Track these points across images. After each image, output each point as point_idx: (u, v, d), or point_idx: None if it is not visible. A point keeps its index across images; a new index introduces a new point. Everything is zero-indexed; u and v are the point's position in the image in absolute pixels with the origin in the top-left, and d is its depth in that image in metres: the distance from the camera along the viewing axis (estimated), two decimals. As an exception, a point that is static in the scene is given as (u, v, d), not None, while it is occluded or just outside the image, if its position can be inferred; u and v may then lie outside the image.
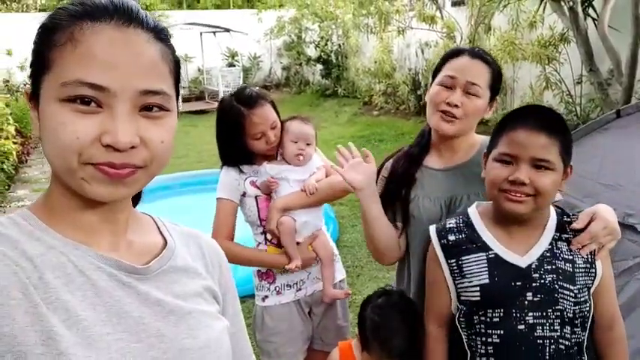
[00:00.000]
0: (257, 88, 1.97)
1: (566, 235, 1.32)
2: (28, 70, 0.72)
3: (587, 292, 1.29)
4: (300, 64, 13.68)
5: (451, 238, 1.37)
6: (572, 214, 1.36)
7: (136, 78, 0.66)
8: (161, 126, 0.70)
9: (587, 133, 2.69)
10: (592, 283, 1.30)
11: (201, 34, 12.59)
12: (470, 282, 1.32)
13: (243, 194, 1.94)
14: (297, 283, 1.97)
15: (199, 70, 13.36)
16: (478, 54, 1.54)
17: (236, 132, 1.86)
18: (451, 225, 1.40)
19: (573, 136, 2.76)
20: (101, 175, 0.66)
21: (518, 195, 1.24)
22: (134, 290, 0.72)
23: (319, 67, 12.72)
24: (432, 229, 1.42)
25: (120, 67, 0.65)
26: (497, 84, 1.56)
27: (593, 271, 1.30)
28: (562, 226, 1.33)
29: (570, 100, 6.42)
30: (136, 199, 0.85)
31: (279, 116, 1.93)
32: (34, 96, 0.69)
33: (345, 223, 4.98)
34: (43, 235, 0.69)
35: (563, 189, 1.33)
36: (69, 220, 0.72)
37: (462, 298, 1.34)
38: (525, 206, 1.25)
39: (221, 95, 12.06)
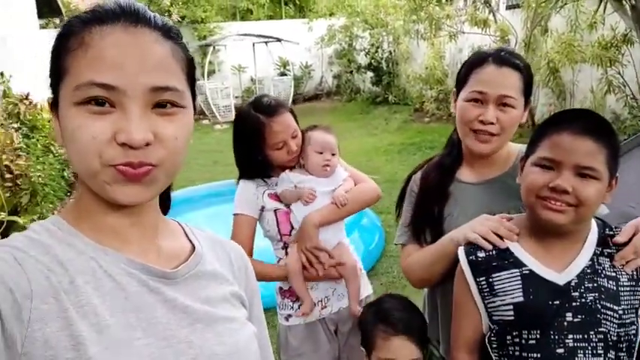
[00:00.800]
0: (275, 96, 1.92)
1: (609, 250, 1.20)
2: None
3: (634, 314, 1.16)
4: (351, 72, 13.68)
5: (480, 255, 1.26)
6: (615, 227, 1.23)
7: (145, 75, 0.67)
8: (175, 122, 0.70)
9: (649, 138, 2.49)
10: (639, 304, 1.17)
11: (253, 44, 12.87)
12: (502, 300, 1.21)
13: (262, 208, 1.85)
14: (321, 301, 1.87)
15: (252, 79, 13.62)
16: (505, 60, 1.40)
17: (255, 142, 1.77)
18: None
19: (636, 141, 2.58)
20: (120, 176, 0.67)
21: (559, 204, 1.13)
22: (162, 296, 0.73)
23: (370, 74, 12.68)
24: (462, 247, 1.32)
25: (128, 66, 0.66)
26: (529, 87, 1.43)
27: (639, 289, 1.17)
28: (604, 241, 1.21)
29: (635, 104, 6.04)
30: (165, 207, 0.86)
31: (298, 125, 1.85)
32: (55, 105, 0.71)
33: (392, 232, 4.88)
34: (74, 240, 0.70)
35: (608, 201, 1.20)
36: (97, 224, 0.73)
37: (495, 317, 1.23)
38: (565, 217, 1.14)
39: (273, 104, 12.27)
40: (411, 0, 9.59)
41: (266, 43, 12.94)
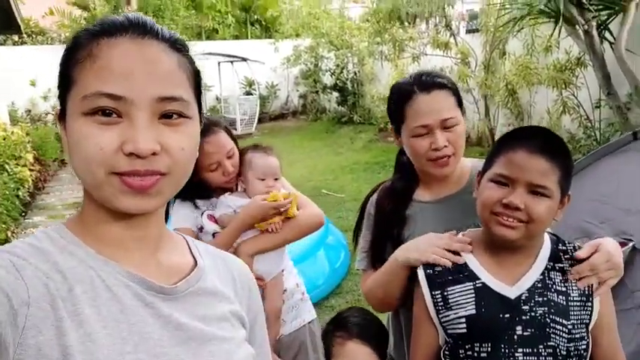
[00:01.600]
0: (208, 114, 1.83)
1: (561, 265, 1.21)
2: (54, 98, 0.75)
3: (584, 329, 1.18)
4: (317, 92, 13.78)
5: (437, 268, 1.27)
6: (568, 242, 1.25)
7: (152, 85, 0.68)
8: (181, 133, 0.71)
9: (602, 155, 2.59)
10: (589, 319, 1.18)
11: (219, 63, 12.82)
12: (456, 313, 1.21)
13: (200, 229, 1.74)
14: None
15: (217, 98, 13.55)
16: (429, 84, 1.39)
17: None
18: None
19: (589, 159, 2.67)
20: (126, 187, 0.68)
21: (511, 220, 1.15)
22: (156, 312, 0.72)
23: (335, 94, 12.81)
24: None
25: (135, 76, 0.67)
26: (458, 95, 1.44)
27: (590, 305, 1.18)
28: (556, 256, 1.22)
29: (589, 124, 6.27)
30: (165, 215, 0.85)
31: (236, 144, 1.76)
32: (62, 116, 0.72)
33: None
34: (75, 249, 0.70)
35: (559, 218, 1.21)
36: (100, 235, 0.73)
37: (449, 331, 1.23)
38: (516, 232, 1.15)
39: (238, 124, 12.22)
40: (375, 22, 9.80)
41: (232, 62, 12.92)
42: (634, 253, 2.18)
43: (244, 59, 12.69)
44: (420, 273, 1.28)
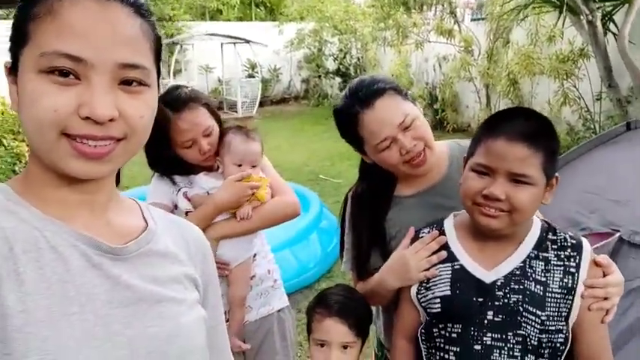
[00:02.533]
0: (190, 88, 1.69)
1: (545, 254, 1.17)
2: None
3: (561, 321, 1.14)
4: (319, 77, 13.71)
5: None
6: (559, 232, 1.21)
7: (115, 50, 0.66)
8: (141, 100, 0.69)
9: (594, 146, 2.57)
10: (567, 313, 1.15)
11: (221, 45, 12.72)
12: (433, 293, 1.22)
13: (175, 206, 1.68)
14: (225, 313, 1.67)
15: (219, 80, 13.48)
16: (371, 93, 1.33)
17: (161, 138, 1.54)
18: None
19: (582, 149, 2.66)
20: (77, 153, 0.66)
21: (493, 210, 1.12)
22: (104, 272, 0.70)
23: (338, 79, 12.74)
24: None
25: (98, 39, 0.65)
26: (403, 90, 1.39)
27: (570, 299, 1.14)
28: (542, 244, 1.19)
29: (589, 116, 6.24)
30: (116, 181, 0.83)
31: (219, 121, 1.68)
32: (13, 70, 0.69)
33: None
34: (18, 208, 0.68)
35: (548, 202, 1.17)
36: (46, 197, 0.71)
37: (427, 310, 1.24)
38: (499, 222, 1.12)
39: (239, 106, 12.18)
40: (379, 7, 9.71)
41: (234, 44, 12.83)
42: (620, 244, 2.17)
43: (247, 41, 12.59)
44: None
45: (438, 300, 1.20)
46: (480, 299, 1.16)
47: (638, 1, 4.73)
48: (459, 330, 1.17)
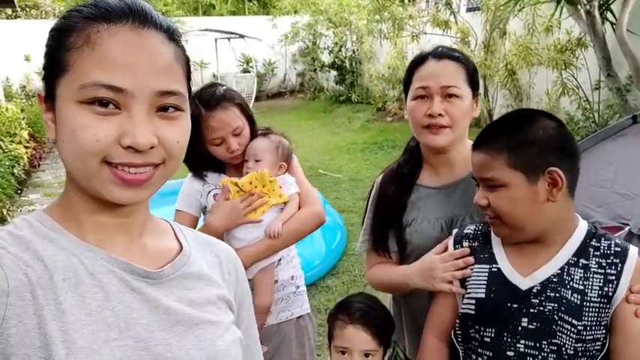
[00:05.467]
0: (225, 87, 1.73)
1: (585, 262, 1.14)
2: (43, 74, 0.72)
3: (600, 330, 1.11)
4: (315, 70, 13.66)
5: (465, 244, 1.28)
6: (604, 239, 1.16)
7: (153, 79, 0.68)
8: (177, 126, 0.71)
9: (601, 139, 2.57)
10: (608, 322, 1.12)
11: (216, 40, 12.66)
12: (468, 294, 1.21)
13: (204, 209, 1.73)
14: None
15: (214, 75, 13.42)
16: (443, 53, 1.42)
17: (195, 134, 1.59)
18: (469, 231, 1.30)
19: (588, 143, 2.66)
20: (117, 180, 0.67)
21: (489, 218, 1.19)
22: (144, 296, 0.71)
23: (333, 73, 12.70)
24: (453, 232, 1.33)
25: (137, 69, 0.66)
26: (474, 78, 1.44)
27: (609, 308, 1.11)
28: (584, 251, 1.15)
29: (588, 106, 6.25)
30: None
31: (250, 121, 1.71)
32: (48, 98, 0.70)
33: (354, 231, 4.88)
34: (57, 237, 0.69)
35: (556, 199, 1.15)
36: (83, 222, 0.72)
37: (463, 310, 1.23)
38: (499, 229, 1.19)
39: (235, 101, 12.13)
40: (374, 0, 9.65)
41: (229, 39, 12.76)
42: (630, 237, 2.18)
43: (242, 36, 12.53)
44: (450, 246, 1.30)
45: (473, 301, 1.20)
46: (515, 305, 1.15)
47: (635, -11, 4.72)
48: (492, 335, 1.17)
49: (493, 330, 1.17)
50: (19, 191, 6.18)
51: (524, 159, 1.12)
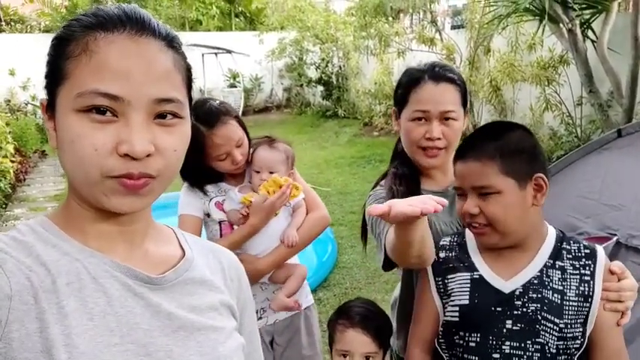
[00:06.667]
0: (218, 101, 1.75)
1: (561, 263, 1.22)
2: (35, 84, 0.72)
3: (578, 328, 1.19)
4: (301, 86, 13.74)
5: (442, 255, 1.31)
6: (573, 242, 1.26)
7: (150, 86, 0.67)
8: (175, 134, 0.71)
9: (587, 152, 2.65)
10: (585, 320, 1.19)
11: (203, 55, 12.68)
12: (452, 302, 1.25)
13: (207, 215, 1.77)
14: (257, 312, 1.80)
15: (201, 90, 13.41)
16: (440, 75, 1.43)
17: (196, 153, 1.57)
18: (445, 242, 1.34)
19: (575, 156, 2.74)
20: (120, 187, 0.67)
21: (478, 226, 1.20)
22: (146, 301, 0.71)
23: (320, 88, 12.79)
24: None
25: (134, 76, 0.66)
26: (466, 96, 1.48)
27: (587, 306, 1.19)
28: (558, 253, 1.24)
29: (571, 121, 6.40)
30: None
31: (246, 131, 1.76)
32: (50, 107, 0.71)
33: (344, 244, 4.91)
34: (59, 242, 0.70)
35: (540, 203, 1.22)
36: (85, 229, 0.73)
37: (446, 318, 1.27)
38: (489, 238, 1.22)
39: (222, 116, 12.13)
40: (360, 17, 9.81)
41: (216, 54, 12.81)
42: (618, 247, 2.24)
43: (229, 51, 12.59)
44: None
45: (457, 309, 1.23)
46: (499, 309, 1.19)
47: (614, 9, 4.89)
48: (478, 339, 1.20)
49: (478, 334, 1.21)
50: (4, 205, 6.10)
51: (515, 166, 1.18)
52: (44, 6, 13.27)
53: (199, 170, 1.71)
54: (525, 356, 1.17)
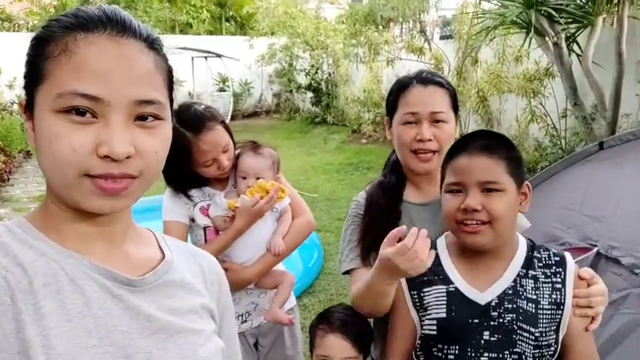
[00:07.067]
0: (203, 106, 1.72)
1: (533, 273, 1.23)
2: (21, 83, 0.72)
3: (552, 336, 1.20)
4: (291, 91, 13.78)
5: None
6: (544, 250, 1.28)
7: (130, 88, 0.66)
8: (155, 136, 0.70)
9: (570, 164, 2.70)
10: (558, 327, 1.21)
11: (192, 58, 12.67)
12: (429, 315, 1.25)
13: (192, 220, 1.76)
14: (242, 315, 1.82)
15: (190, 94, 13.38)
16: (428, 79, 1.45)
17: (182, 159, 1.58)
18: None
19: (557, 167, 2.79)
20: (98, 190, 0.66)
21: (474, 224, 1.18)
22: (125, 303, 0.70)
23: (309, 94, 12.84)
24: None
25: (114, 77, 0.65)
26: (456, 101, 1.49)
27: (560, 314, 1.21)
28: (530, 263, 1.25)
29: (555, 133, 6.50)
30: None
31: (231, 136, 1.74)
32: (29, 107, 0.69)
33: (330, 250, 4.92)
34: (37, 243, 0.68)
35: (525, 210, 1.25)
36: (64, 230, 0.71)
37: (423, 332, 1.27)
38: (483, 236, 1.18)
39: (210, 120, 12.10)
40: (350, 25, 9.88)
41: (206, 58, 12.80)
42: (598, 258, 2.28)
43: (219, 55, 12.59)
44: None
45: (435, 322, 1.23)
46: (476, 320, 1.20)
47: (599, 24, 4.99)
48: (457, 351, 1.21)
49: (457, 347, 1.21)
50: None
51: (516, 169, 1.21)
52: (33, 5, 13.18)
53: (184, 175, 1.70)
54: None
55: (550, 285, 1.22)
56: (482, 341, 1.19)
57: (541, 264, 1.25)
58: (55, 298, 0.65)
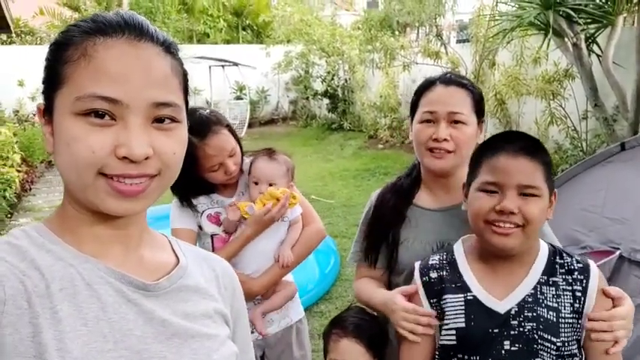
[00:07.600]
0: (208, 110, 1.70)
1: (554, 279, 1.19)
2: (41, 97, 0.73)
3: (575, 346, 1.15)
4: (307, 98, 13.82)
5: (433, 275, 1.25)
6: (567, 255, 1.23)
7: (148, 90, 0.68)
8: (172, 137, 0.71)
9: (591, 165, 2.64)
10: (581, 337, 1.16)
11: (210, 67, 12.80)
12: (447, 325, 1.21)
13: (200, 227, 1.74)
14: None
15: (207, 102, 13.52)
16: (451, 80, 1.45)
17: (189, 164, 1.59)
18: (434, 261, 1.28)
19: (578, 169, 2.72)
20: (114, 192, 0.67)
21: (507, 226, 1.13)
22: (139, 308, 0.71)
23: (326, 101, 12.86)
24: (417, 265, 1.31)
25: (132, 80, 0.67)
26: (480, 105, 1.47)
27: (580, 323, 1.16)
28: (551, 269, 1.20)
29: (576, 135, 6.38)
30: None
31: (238, 140, 1.71)
32: (47, 112, 0.71)
33: (347, 256, 4.89)
34: (54, 247, 0.69)
35: (550, 217, 1.22)
36: (80, 234, 0.72)
37: (442, 342, 1.23)
38: (514, 239, 1.14)
39: (228, 128, 12.21)
40: (366, 30, 9.88)
41: (223, 66, 12.92)
42: (621, 261, 2.22)
43: (235, 64, 12.69)
44: (417, 278, 1.28)
45: (454, 332, 1.19)
46: (496, 330, 1.16)
47: (619, 23, 4.89)
48: None
49: (477, 357, 1.17)
50: (9, 215, 6.13)
51: (550, 175, 1.18)
52: (54, 19, 13.50)
53: (190, 182, 1.66)
54: None
55: (571, 293, 1.17)
56: (503, 351, 1.15)
57: (563, 270, 1.20)
58: (71, 303, 0.66)
